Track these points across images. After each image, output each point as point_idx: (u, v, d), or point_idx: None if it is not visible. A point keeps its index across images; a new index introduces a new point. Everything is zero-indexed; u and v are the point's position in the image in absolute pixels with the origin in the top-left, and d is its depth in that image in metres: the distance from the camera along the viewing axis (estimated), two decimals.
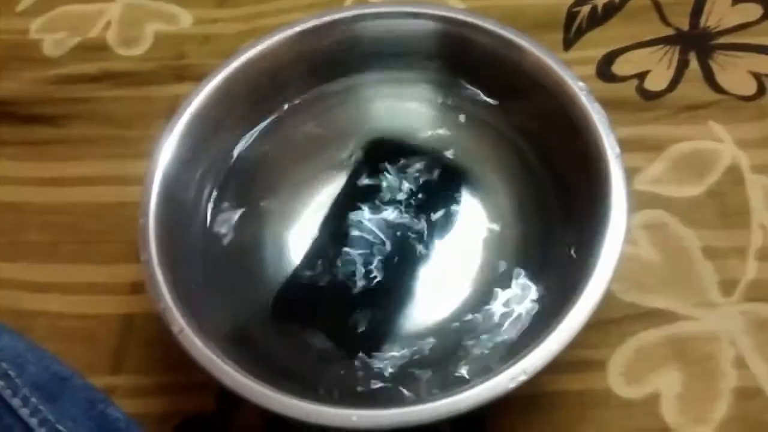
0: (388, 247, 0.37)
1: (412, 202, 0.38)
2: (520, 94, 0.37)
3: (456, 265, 0.36)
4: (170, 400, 0.37)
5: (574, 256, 0.33)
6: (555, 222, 0.36)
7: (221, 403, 0.37)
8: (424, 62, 0.39)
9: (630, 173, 0.34)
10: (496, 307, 0.34)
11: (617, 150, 0.33)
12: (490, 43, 0.37)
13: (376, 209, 0.37)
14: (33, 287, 0.41)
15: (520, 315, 0.34)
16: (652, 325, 0.37)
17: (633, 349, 0.36)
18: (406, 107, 0.40)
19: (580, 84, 0.35)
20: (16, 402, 0.26)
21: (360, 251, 0.37)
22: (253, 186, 0.39)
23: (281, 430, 0.36)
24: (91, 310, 0.40)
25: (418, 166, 0.38)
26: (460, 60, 0.38)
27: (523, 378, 0.29)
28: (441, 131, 0.39)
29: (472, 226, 0.37)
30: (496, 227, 0.37)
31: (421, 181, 0.38)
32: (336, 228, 0.37)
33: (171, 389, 0.37)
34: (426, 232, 0.37)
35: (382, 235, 0.37)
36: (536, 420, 0.35)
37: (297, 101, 0.40)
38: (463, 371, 0.32)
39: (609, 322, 0.37)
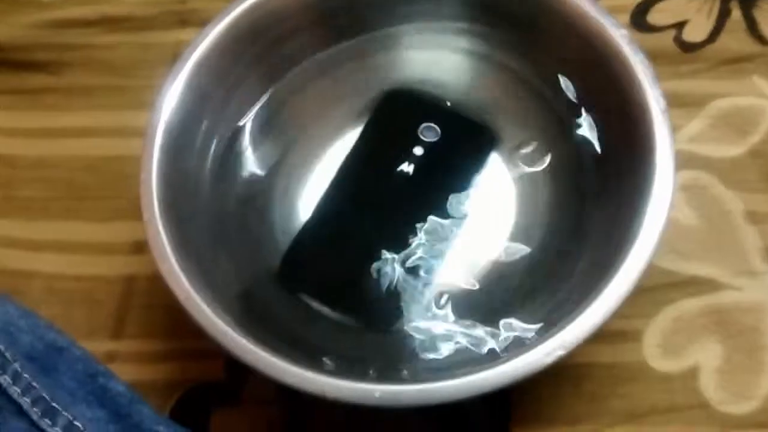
0: (405, 207, 0.34)
1: (434, 159, 0.35)
2: (555, 43, 0.34)
3: (481, 230, 0.34)
4: (176, 368, 0.35)
5: (614, 221, 0.31)
6: (591, 183, 0.33)
7: (230, 372, 0.34)
8: (452, 8, 0.36)
9: None
10: (526, 277, 0.32)
11: (663, 104, 0.31)
12: None
13: (392, 166, 0.35)
14: (27, 245, 0.39)
15: (552, 284, 0.31)
16: (691, 294, 0.34)
17: (670, 319, 0.34)
18: (431, 57, 0.37)
19: (623, 32, 0.32)
20: (5, 380, 0.24)
21: (373, 211, 0.34)
22: (262, 139, 0.36)
23: (295, 402, 0.33)
24: (89, 271, 0.38)
25: (440, 119, 0.35)
26: (492, 3, 0.35)
27: (560, 353, 0.27)
28: (467, 82, 0.36)
29: (498, 187, 0.34)
30: (525, 189, 0.34)
31: (443, 136, 0.35)
32: (348, 186, 0.35)
33: (176, 356, 0.35)
34: (447, 191, 0.34)
35: (398, 195, 0.35)
36: (565, 393, 0.33)
37: (311, 48, 0.37)
38: (492, 344, 0.30)
39: (644, 290, 0.34)
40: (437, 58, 0.37)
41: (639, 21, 0.42)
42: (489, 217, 0.34)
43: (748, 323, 0.33)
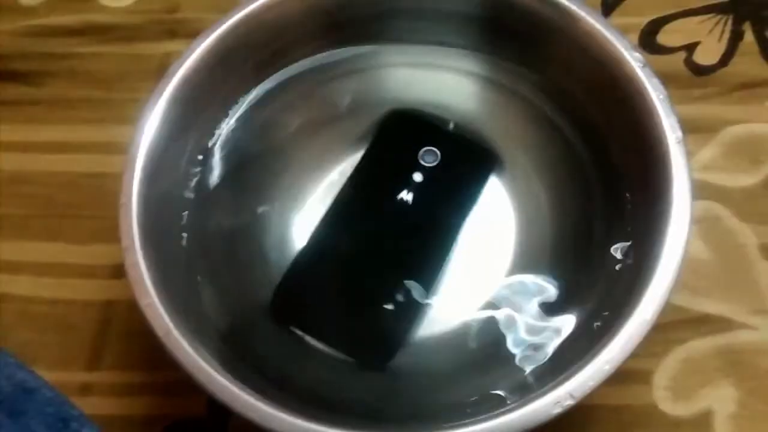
0: (404, 237, 0.32)
1: (434, 185, 0.33)
2: (565, 66, 0.32)
3: (482, 262, 0.32)
4: (155, 402, 0.33)
5: (625, 259, 0.29)
6: (601, 217, 0.31)
7: (213, 407, 0.32)
8: (456, 26, 0.34)
9: None
10: (530, 313, 0.30)
11: (679, 133, 0.29)
12: (532, 4, 0.32)
13: (392, 192, 0.33)
14: (1, 266, 0.37)
15: (558, 324, 0.29)
16: (703, 333, 0.33)
17: (681, 359, 0.32)
18: (433, 77, 0.35)
19: (636, 55, 0.30)
20: None
21: (371, 241, 0.32)
22: (254, 161, 0.34)
23: None
24: (66, 295, 0.36)
25: (442, 144, 0.33)
26: (498, 23, 0.33)
27: (569, 403, 0.25)
28: (470, 104, 0.34)
29: (500, 217, 0.32)
30: (529, 219, 0.32)
31: (444, 162, 0.33)
32: (345, 214, 0.33)
33: (156, 389, 0.33)
34: (448, 221, 0.32)
35: (397, 224, 0.33)
36: None
37: (307, 65, 0.35)
38: (496, 389, 0.28)
39: (653, 327, 0.32)
40: (440, 79, 0.35)
41: (649, 42, 0.41)
42: (490, 248, 0.32)
43: (765, 366, 0.32)
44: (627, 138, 0.30)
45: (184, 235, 0.31)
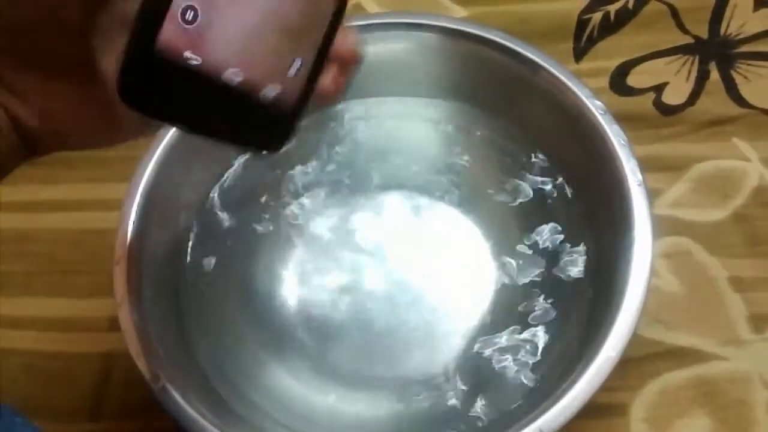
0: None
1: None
2: (530, 114, 0.34)
3: (460, 302, 0.33)
4: None
5: (592, 295, 0.30)
6: (569, 255, 0.32)
7: None
8: (425, 79, 0.36)
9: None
10: (505, 347, 0.31)
11: (639, 177, 0.30)
12: (497, 56, 0.34)
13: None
14: (5, 322, 0.38)
15: (532, 357, 0.31)
16: (677, 365, 0.34)
17: (656, 391, 0.33)
18: (405, 126, 0.37)
19: (597, 103, 0.32)
20: None
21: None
22: (244, 214, 0.36)
23: None
24: (68, 348, 0.37)
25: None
26: (465, 76, 0.35)
27: None
28: (444, 153, 0.36)
29: (476, 258, 0.34)
30: (504, 260, 0.34)
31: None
32: None
33: None
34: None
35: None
36: None
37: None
38: (474, 414, 0.29)
39: (629, 360, 0.33)
40: (413, 128, 0.37)
41: (619, 84, 0.42)
42: (465, 293, 0.33)
43: (736, 396, 0.33)
44: (592, 181, 0.32)
45: (179, 279, 0.33)
